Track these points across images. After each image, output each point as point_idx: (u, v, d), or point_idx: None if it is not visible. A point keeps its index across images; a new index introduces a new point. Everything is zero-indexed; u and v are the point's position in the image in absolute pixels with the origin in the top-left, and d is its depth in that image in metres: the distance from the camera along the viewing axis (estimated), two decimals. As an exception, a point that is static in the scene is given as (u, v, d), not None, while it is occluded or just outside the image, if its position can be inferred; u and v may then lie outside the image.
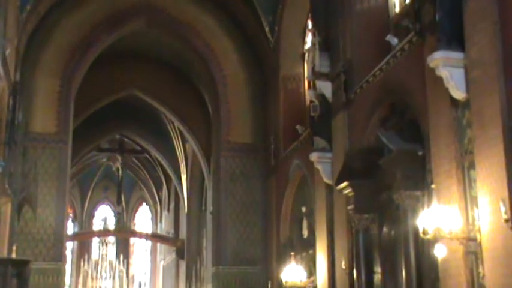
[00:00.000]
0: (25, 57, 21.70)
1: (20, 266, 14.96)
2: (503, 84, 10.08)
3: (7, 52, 17.35)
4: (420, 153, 12.90)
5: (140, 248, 48.86)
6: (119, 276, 43.79)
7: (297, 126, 20.98)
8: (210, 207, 26.93)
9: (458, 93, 11.10)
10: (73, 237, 41.47)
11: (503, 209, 9.52)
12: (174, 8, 24.07)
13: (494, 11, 10.46)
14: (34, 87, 22.28)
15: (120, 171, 40.33)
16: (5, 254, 17.06)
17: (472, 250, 10.72)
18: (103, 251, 44.93)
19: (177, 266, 37.83)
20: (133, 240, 47.83)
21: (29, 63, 22.03)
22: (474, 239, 10.64)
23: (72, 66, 23.19)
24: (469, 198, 11.03)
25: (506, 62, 10.13)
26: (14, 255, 16.60)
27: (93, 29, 23.34)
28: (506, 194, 9.60)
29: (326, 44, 18.05)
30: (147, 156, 39.62)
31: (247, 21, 24.11)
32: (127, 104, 30.14)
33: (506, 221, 9.45)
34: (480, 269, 10.46)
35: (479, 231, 10.40)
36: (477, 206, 10.58)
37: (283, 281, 19.33)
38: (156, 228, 45.45)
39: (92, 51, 23.83)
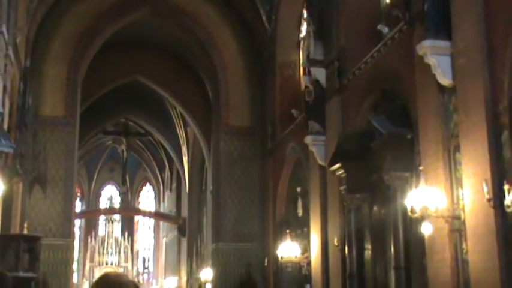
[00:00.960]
0: (35, 45, 21.64)
1: (32, 242, 15.04)
2: (487, 72, 10.13)
3: (18, 40, 17.33)
4: (409, 136, 12.93)
5: (144, 225, 48.98)
6: (124, 251, 44.04)
7: (293, 111, 20.99)
8: (210, 187, 26.97)
9: (445, 80, 11.14)
10: (81, 215, 41.54)
11: (485, 189, 9.62)
12: (176, -2, 24.04)
13: (479, 3, 10.50)
14: (43, 73, 22.25)
15: (125, 153, 40.35)
16: (17, 231, 17.09)
17: (457, 228, 10.84)
18: (109, 228, 45.16)
19: (179, 243, 37.90)
20: (137, 218, 48.03)
21: (38, 51, 21.99)
22: (458, 218, 10.76)
23: (79, 53, 23.16)
24: (454, 179, 11.11)
25: (489, 51, 10.18)
26: (25, 232, 16.61)
27: (99, 17, 23.28)
28: (489, 175, 9.69)
29: (320, 33, 18.04)
30: (151, 138, 39.59)
31: (245, 10, 24.04)
32: (131, 89, 30.07)
33: (489, 200, 9.56)
34: (464, 245, 10.57)
35: (464, 210, 10.50)
36: (462, 187, 10.66)
37: (279, 256, 19.46)
38: (159, 207, 45.53)
39: (98, 39, 23.77)
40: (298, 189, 20.94)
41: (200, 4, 24.27)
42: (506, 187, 9.33)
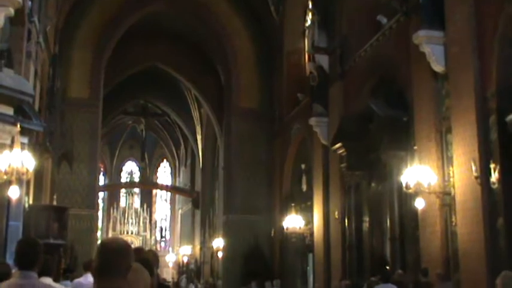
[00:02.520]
0: (63, 33, 21.63)
1: (60, 212, 15.13)
2: (477, 60, 10.12)
3: (48, 29, 17.36)
4: (405, 119, 12.96)
5: (161, 198, 49.11)
6: (143, 222, 44.36)
7: (298, 94, 20.99)
8: (221, 164, 27.02)
9: (438, 67, 11.14)
10: (104, 188, 41.75)
11: (473, 167, 9.67)
12: (192, -10, 23.96)
13: (470, -4, 10.49)
14: (70, 59, 22.27)
15: (143, 132, 40.45)
16: (47, 202, 17.22)
17: (447, 203, 10.91)
18: (129, 200, 45.47)
19: (193, 214, 38.02)
20: (155, 191, 48.11)
21: (66, 38, 21.98)
22: (449, 193, 10.81)
23: (103, 41, 23.21)
24: (445, 158, 11.16)
25: (479, 41, 10.16)
26: (55, 203, 16.77)
27: (121, 9, 23.26)
28: (477, 155, 9.74)
29: (324, 23, 17.99)
30: (167, 119, 39.60)
31: (255, 2, 23.95)
32: (150, 74, 30.08)
33: (476, 177, 9.62)
34: (453, 219, 10.65)
35: (453, 187, 10.55)
36: (452, 165, 10.71)
37: (285, 228, 19.58)
38: (175, 182, 45.62)
39: (120, 28, 23.77)
40: (303, 166, 21.00)
41: (214, -5, 24.24)
42: (492, 166, 9.40)
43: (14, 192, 10.63)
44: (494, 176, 9.33)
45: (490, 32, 9.91)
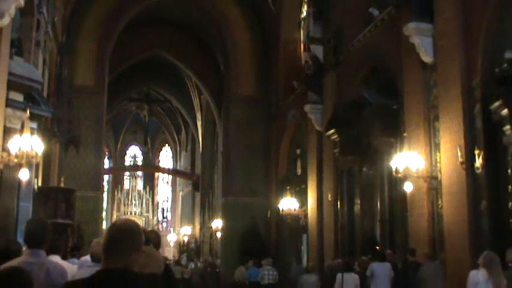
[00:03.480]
0: (70, 23, 21.58)
1: (67, 194, 15.12)
2: (463, 52, 10.17)
3: (55, 19, 17.34)
4: (395, 107, 13.01)
5: (163, 181, 49.17)
6: (146, 203, 44.43)
7: (294, 82, 20.91)
8: (220, 148, 27.08)
9: (427, 58, 11.16)
10: (109, 171, 41.73)
11: (459, 153, 9.76)
12: (193, -19, 23.91)
13: (457, -9, 10.51)
14: (77, 48, 22.17)
15: (146, 118, 40.49)
16: (55, 184, 17.23)
17: (434, 187, 10.97)
18: (133, 182, 45.51)
19: (193, 197, 38.11)
20: (157, 174, 48.16)
21: (73, 28, 21.94)
22: (435, 178, 10.89)
23: (107, 31, 23.08)
24: (433, 145, 11.22)
25: (466, 34, 10.20)
26: (62, 185, 16.77)
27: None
28: (462, 141, 9.81)
29: (319, 14, 18.03)
30: (169, 105, 39.57)
31: (253, -7, 23.94)
32: (153, 62, 30.04)
33: (462, 163, 9.71)
34: (439, 201, 10.71)
35: (440, 171, 10.64)
36: (439, 151, 10.78)
37: (280, 209, 19.66)
38: (176, 165, 45.66)
39: (124, 18, 23.63)
40: (298, 151, 21.06)
41: (214, -13, 24.16)
42: (476, 152, 9.48)
43: (24, 175, 10.73)
44: (479, 162, 9.42)
45: (475, 25, 9.93)
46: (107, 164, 40.20)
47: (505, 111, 8.66)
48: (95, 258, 4.71)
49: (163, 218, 47.85)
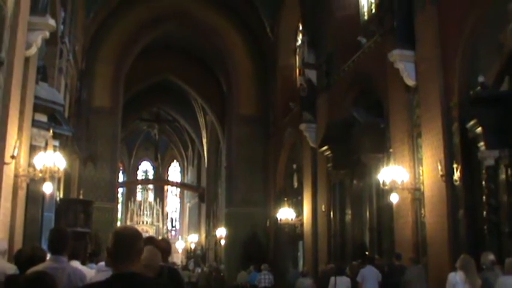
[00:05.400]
0: (88, 51, 21.77)
1: (86, 205, 15.23)
2: (442, 76, 10.27)
3: (76, 48, 17.49)
4: (382, 125, 13.04)
5: (172, 193, 49.00)
6: (156, 213, 44.26)
7: (290, 103, 21.00)
8: (224, 163, 27.06)
9: (410, 81, 11.25)
10: (123, 184, 41.69)
11: (439, 167, 9.83)
12: (199, 13, 23.90)
13: (435, 22, 10.63)
14: (95, 73, 22.35)
15: (157, 136, 40.46)
16: (75, 196, 17.31)
17: (417, 197, 11.02)
18: (145, 195, 45.38)
19: (199, 207, 37.94)
20: (167, 187, 48.03)
21: (91, 56, 22.11)
22: (419, 189, 10.94)
23: (122, 57, 23.27)
24: (416, 160, 11.26)
25: (444, 60, 10.31)
26: (81, 197, 16.79)
27: (138, 29, 23.32)
28: (442, 156, 9.88)
29: (313, 42, 18.07)
30: (177, 124, 39.51)
31: (253, 23, 24.01)
32: (163, 85, 30.10)
33: (442, 176, 9.77)
34: (422, 211, 10.76)
35: (423, 184, 10.69)
36: (422, 165, 10.83)
37: (278, 219, 19.63)
38: (184, 179, 45.52)
39: (137, 45, 23.83)
40: (294, 166, 21.04)
41: (217, 18, 24.23)
42: (455, 166, 9.56)
43: (47, 188, 10.80)
44: (457, 175, 9.50)
45: (452, 52, 10.05)
46: (121, 177, 40.16)
47: (479, 129, 8.74)
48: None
49: (172, 227, 47.62)
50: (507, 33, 8.42)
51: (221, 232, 26.12)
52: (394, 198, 11.43)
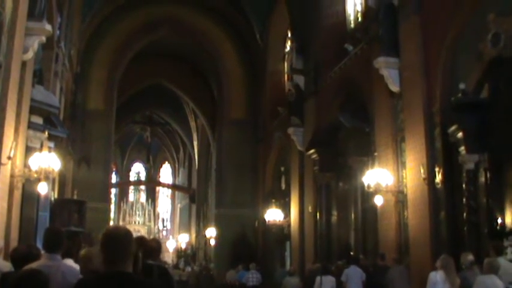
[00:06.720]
0: (84, 55, 21.63)
1: (80, 205, 15.07)
2: (425, 83, 10.33)
3: (72, 52, 17.43)
4: (367, 129, 13.10)
5: (163, 194, 48.90)
6: (148, 214, 44.11)
7: (279, 108, 20.96)
8: (214, 166, 27.02)
9: (394, 88, 11.29)
10: (115, 185, 41.47)
11: (422, 170, 9.89)
12: (190, 19, 23.88)
13: (418, 31, 10.70)
14: (89, 77, 22.23)
15: (149, 138, 40.37)
16: (69, 196, 17.21)
17: (401, 200, 11.07)
18: (137, 195, 45.26)
19: (190, 208, 37.85)
20: (158, 188, 47.90)
21: (86, 60, 21.99)
22: (402, 192, 10.99)
23: (116, 62, 23.19)
24: (400, 163, 11.32)
25: (426, 67, 10.37)
26: (75, 197, 16.70)
27: (131, 35, 23.27)
28: (425, 160, 9.94)
29: (301, 49, 18.08)
30: (169, 127, 39.44)
31: (244, 30, 24.05)
32: (155, 89, 29.99)
33: (424, 179, 9.83)
34: (405, 213, 10.80)
35: (406, 186, 10.73)
36: (405, 169, 10.88)
37: (267, 220, 19.64)
38: (175, 180, 45.45)
39: (131, 50, 23.77)
40: (282, 169, 21.03)
41: (209, 25, 24.19)
42: (436, 169, 9.62)
43: (42, 188, 10.75)
44: (438, 178, 9.56)
45: (434, 60, 10.12)
46: (114, 178, 39.99)
47: (460, 134, 8.80)
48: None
49: (164, 227, 47.46)
50: (487, 42, 8.51)
51: (211, 232, 26.07)
52: (378, 200, 11.45)
